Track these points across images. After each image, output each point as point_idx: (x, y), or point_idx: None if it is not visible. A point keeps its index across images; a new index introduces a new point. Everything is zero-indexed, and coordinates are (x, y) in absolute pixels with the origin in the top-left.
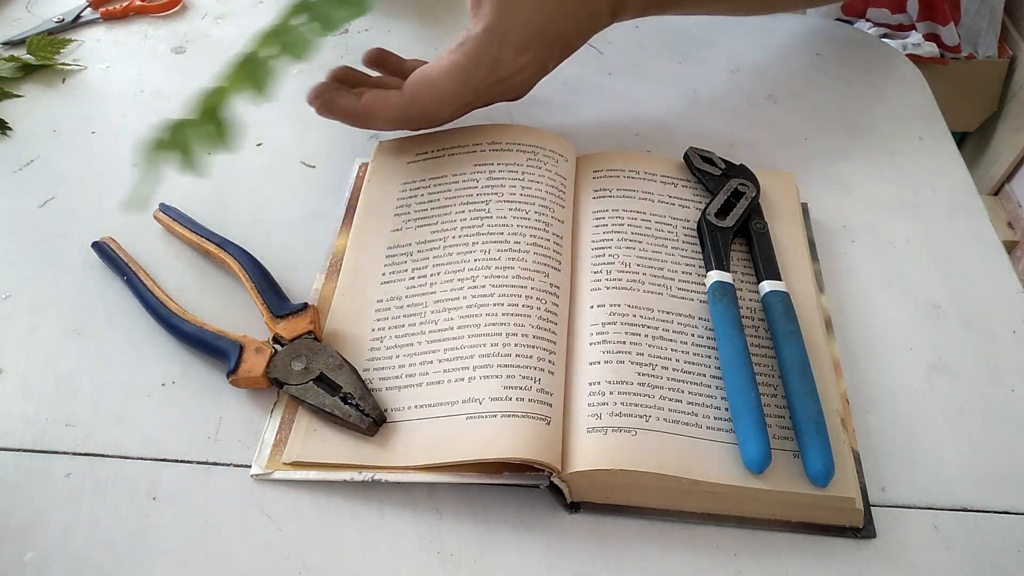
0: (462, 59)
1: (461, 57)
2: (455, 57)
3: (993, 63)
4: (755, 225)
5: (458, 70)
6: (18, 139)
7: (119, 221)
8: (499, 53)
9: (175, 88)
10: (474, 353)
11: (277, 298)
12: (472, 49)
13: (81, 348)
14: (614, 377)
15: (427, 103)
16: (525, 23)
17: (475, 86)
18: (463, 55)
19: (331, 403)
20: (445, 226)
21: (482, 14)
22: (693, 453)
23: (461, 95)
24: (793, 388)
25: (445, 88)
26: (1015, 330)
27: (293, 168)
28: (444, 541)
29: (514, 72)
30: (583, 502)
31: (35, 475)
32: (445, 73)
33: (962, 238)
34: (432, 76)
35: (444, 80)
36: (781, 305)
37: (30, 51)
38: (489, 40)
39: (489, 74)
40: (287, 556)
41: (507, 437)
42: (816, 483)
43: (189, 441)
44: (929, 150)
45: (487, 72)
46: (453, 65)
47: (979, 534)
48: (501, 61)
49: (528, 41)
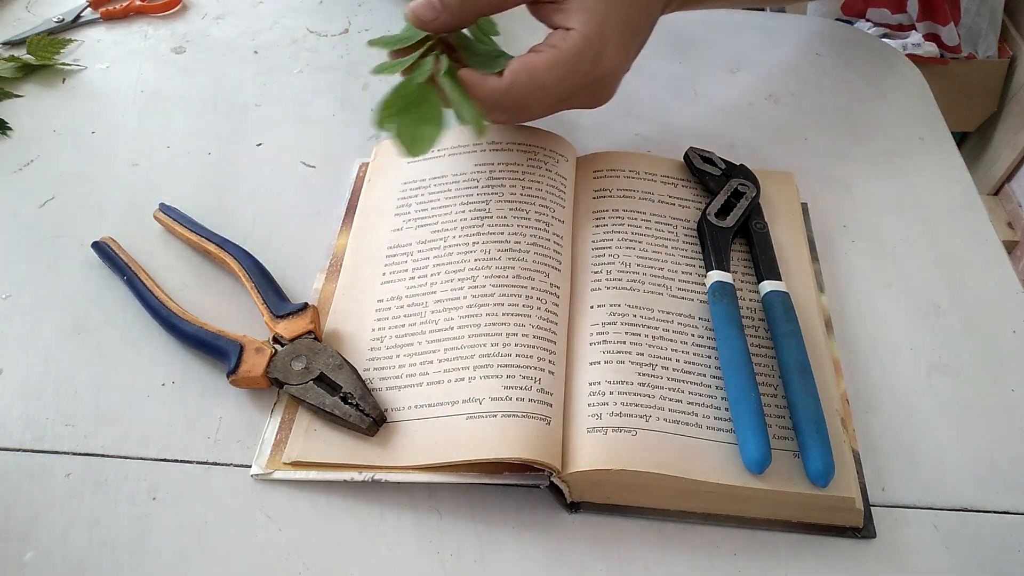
0: (565, 54)
1: (564, 52)
2: (557, 52)
3: (993, 63)
4: (755, 225)
5: (561, 64)
6: (18, 139)
7: (119, 221)
8: (601, 48)
9: (175, 88)
10: (474, 353)
11: (277, 298)
12: (576, 44)
13: (81, 348)
14: (614, 377)
15: (526, 93)
16: (625, 17)
17: (575, 82)
18: (566, 50)
19: (331, 403)
20: (445, 226)
21: (580, 8)
22: (693, 453)
23: (560, 90)
24: (793, 388)
25: (547, 81)
26: (1015, 330)
27: (293, 168)
28: (444, 541)
29: (612, 69)
30: (583, 502)
31: (35, 475)
32: (550, 66)
33: (962, 238)
34: (536, 66)
35: (548, 72)
36: (781, 305)
37: (30, 51)
38: (595, 33)
39: (591, 70)
40: (287, 556)
41: (507, 437)
42: (816, 483)
43: (189, 441)
44: (929, 150)
45: (589, 68)
46: (557, 59)
47: (979, 534)
48: (603, 57)
49: (625, 36)
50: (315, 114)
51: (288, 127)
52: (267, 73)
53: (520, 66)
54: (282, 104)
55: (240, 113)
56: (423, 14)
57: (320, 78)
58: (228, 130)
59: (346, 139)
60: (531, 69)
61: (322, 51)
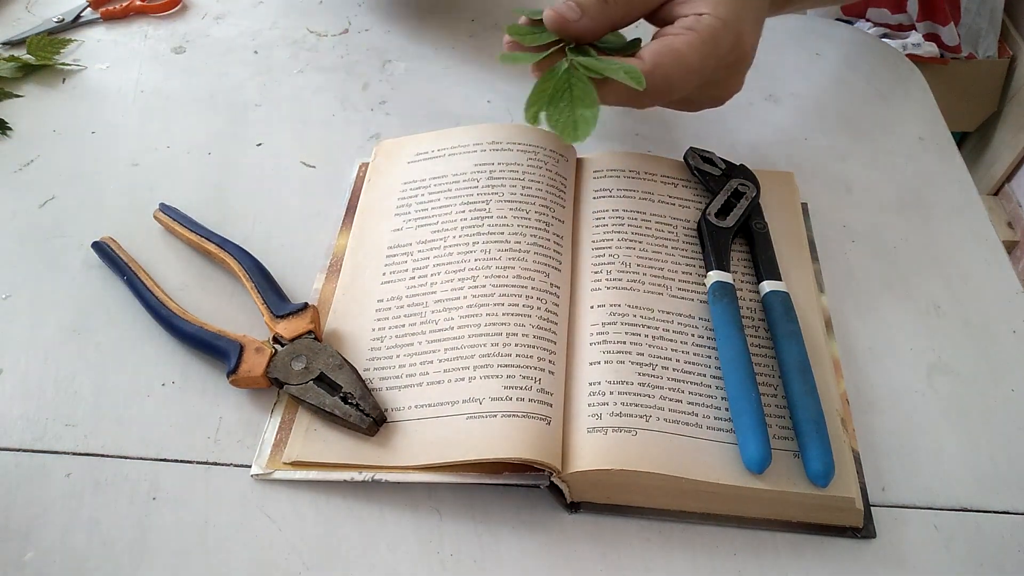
0: (706, 33)
1: (704, 32)
2: (696, 33)
3: (993, 63)
4: (755, 225)
5: (703, 43)
6: (18, 139)
7: (119, 221)
8: (739, 28)
9: (175, 88)
10: (474, 353)
11: (277, 298)
12: (713, 24)
13: (81, 348)
14: (614, 377)
15: (670, 73)
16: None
17: (716, 63)
18: (705, 30)
19: (331, 403)
20: (445, 226)
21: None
22: (693, 453)
23: (704, 71)
24: (793, 388)
25: (691, 60)
26: (1015, 330)
27: (293, 168)
28: (444, 541)
29: (748, 51)
30: (583, 502)
31: (35, 475)
32: (692, 46)
33: (962, 238)
34: (678, 46)
35: (692, 52)
36: (781, 305)
37: (30, 51)
38: (731, 14)
39: (731, 50)
40: (287, 556)
41: (507, 437)
42: (816, 483)
43: (189, 441)
44: (929, 150)
45: (729, 47)
46: (698, 39)
47: (979, 534)
48: (741, 37)
49: (756, 21)
50: (315, 114)
51: (288, 127)
52: (267, 73)
53: (661, 46)
54: (282, 104)
55: (240, 113)
56: (566, 13)
57: (320, 78)
58: (228, 130)
59: (346, 139)
60: (673, 50)
61: (322, 51)
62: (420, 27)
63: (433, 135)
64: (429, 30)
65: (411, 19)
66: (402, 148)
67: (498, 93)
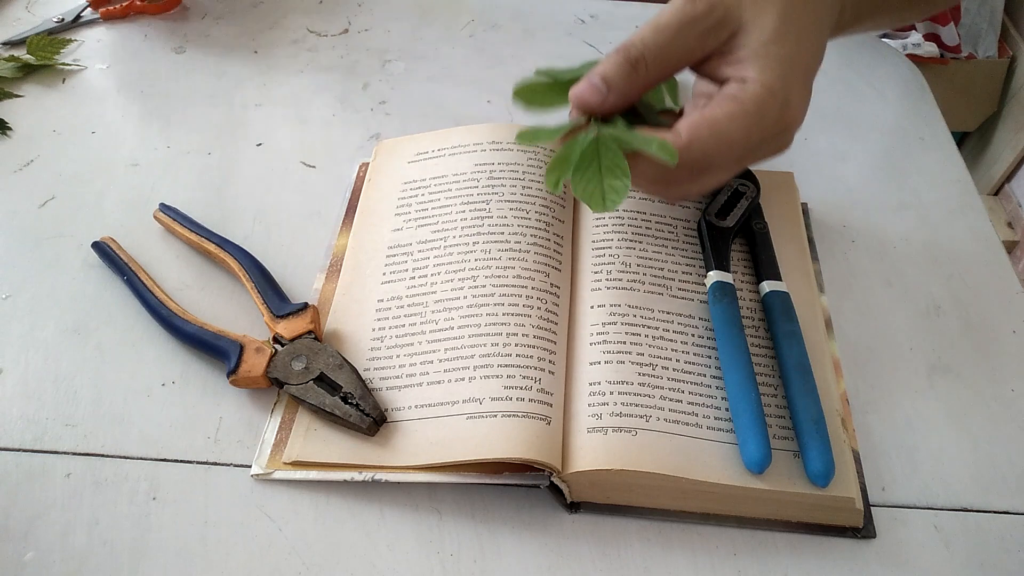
0: (749, 104)
1: (747, 103)
2: (739, 104)
3: (993, 63)
4: (755, 225)
5: (745, 115)
6: (18, 139)
7: (119, 221)
8: (786, 96)
9: (175, 88)
10: (474, 353)
11: (277, 298)
12: (758, 94)
13: (81, 348)
14: (614, 377)
15: (708, 149)
16: (803, 57)
17: (760, 136)
18: (748, 101)
19: (331, 403)
20: (446, 226)
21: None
22: (694, 453)
23: (746, 144)
24: (793, 388)
25: (732, 134)
26: (1015, 330)
27: (293, 168)
28: (444, 541)
29: (797, 116)
30: (583, 502)
31: (35, 475)
32: (734, 118)
33: (962, 238)
34: (717, 120)
35: (731, 125)
36: (781, 305)
37: (30, 51)
38: (777, 80)
39: (777, 120)
40: (287, 556)
41: (507, 437)
42: (816, 483)
43: (189, 441)
44: (929, 150)
45: (775, 119)
46: (740, 110)
47: (979, 534)
48: (788, 105)
49: (807, 78)
50: (315, 114)
51: (288, 127)
52: (267, 73)
53: (699, 120)
54: (282, 104)
55: (240, 113)
56: (589, 98)
57: (320, 78)
58: (228, 130)
59: (346, 139)
60: (712, 123)
61: (322, 51)
62: (420, 27)
63: (433, 135)
64: (429, 30)
65: (411, 19)
66: (402, 148)
67: (498, 93)
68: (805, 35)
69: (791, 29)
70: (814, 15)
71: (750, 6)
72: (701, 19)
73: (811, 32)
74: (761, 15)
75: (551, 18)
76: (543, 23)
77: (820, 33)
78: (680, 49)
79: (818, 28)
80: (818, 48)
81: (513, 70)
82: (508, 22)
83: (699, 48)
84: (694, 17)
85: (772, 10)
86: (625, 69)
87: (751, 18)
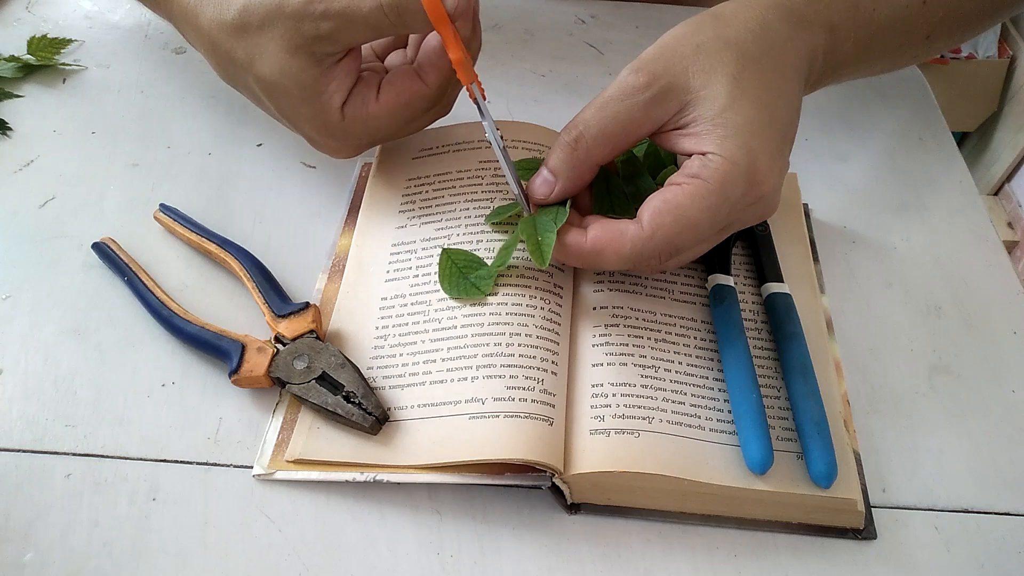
0: (712, 183)
1: (710, 180)
2: (701, 183)
3: (993, 63)
4: (757, 227)
5: (709, 195)
6: (18, 139)
7: (119, 221)
8: (751, 166)
9: (175, 88)
10: (477, 353)
11: (278, 298)
12: (720, 168)
13: (81, 348)
14: (617, 379)
15: (672, 236)
16: (769, 120)
17: (729, 211)
18: (710, 177)
19: (334, 402)
20: (449, 223)
21: (712, 127)
22: (696, 455)
23: (714, 223)
24: (795, 389)
25: (695, 217)
26: (1015, 330)
27: (294, 168)
28: (444, 541)
29: (771, 183)
30: (583, 503)
31: (35, 475)
32: (696, 198)
33: (962, 238)
34: (679, 203)
35: (695, 206)
36: (783, 307)
37: (30, 51)
38: (739, 151)
39: (745, 193)
40: (287, 556)
41: (510, 438)
42: (819, 484)
43: (189, 441)
44: (929, 150)
45: (743, 191)
46: (702, 190)
47: (980, 535)
48: (756, 174)
49: (775, 140)
50: None
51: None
52: None
53: (661, 205)
54: None
55: (240, 113)
56: (539, 192)
57: None
58: (228, 130)
59: None
60: (675, 208)
61: None
62: None
63: (436, 132)
64: None
65: None
66: (406, 145)
67: (498, 93)
68: (766, 94)
69: (746, 92)
70: (773, 72)
71: (698, 74)
72: (643, 89)
73: (772, 90)
74: (711, 83)
75: (551, 18)
76: (543, 23)
77: (785, 89)
78: (623, 122)
79: (781, 84)
80: (786, 104)
81: (513, 70)
82: (508, 22)
83: (646, 120)
84: (635, 88)
85: (722, 76)
86: (567, 152)
87: (700, 87)
